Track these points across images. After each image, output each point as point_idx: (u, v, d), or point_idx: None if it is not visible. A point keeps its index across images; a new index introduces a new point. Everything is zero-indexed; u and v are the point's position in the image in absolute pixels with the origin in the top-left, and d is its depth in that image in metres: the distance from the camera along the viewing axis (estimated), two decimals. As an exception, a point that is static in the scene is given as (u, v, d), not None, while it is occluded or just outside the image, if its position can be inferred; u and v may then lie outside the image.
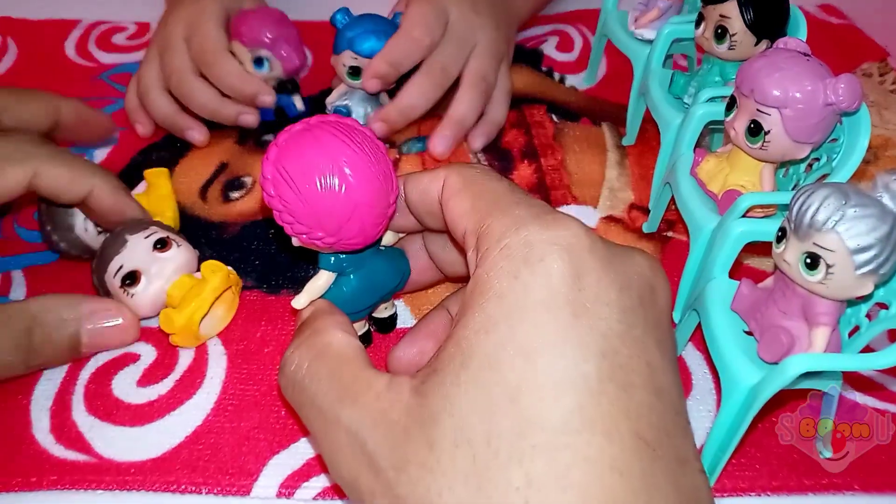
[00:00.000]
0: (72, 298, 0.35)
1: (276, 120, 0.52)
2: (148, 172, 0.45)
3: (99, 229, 0.40)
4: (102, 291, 0.37)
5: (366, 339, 0.37)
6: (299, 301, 0.30)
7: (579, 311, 0.21)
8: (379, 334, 0.38)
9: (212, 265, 0.38)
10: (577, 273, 0.22)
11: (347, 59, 0.46)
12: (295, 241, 0.29)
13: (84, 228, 0.40)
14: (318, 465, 0.33)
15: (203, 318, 0.37)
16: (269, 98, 0.49)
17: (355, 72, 0.47)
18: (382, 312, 0.37)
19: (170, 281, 0.37)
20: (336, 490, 0.32)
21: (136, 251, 0.37)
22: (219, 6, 0.50)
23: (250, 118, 0.50)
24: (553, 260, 0.22)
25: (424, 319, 0.33)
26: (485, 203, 0.25)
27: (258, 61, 0.50)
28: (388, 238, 0.33)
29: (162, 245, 0.37)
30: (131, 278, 0.36)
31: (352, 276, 0.31)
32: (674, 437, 0.21)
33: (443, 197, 0.27)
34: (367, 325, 0.37)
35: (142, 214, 0.40)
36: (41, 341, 0.34)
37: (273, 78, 0.51)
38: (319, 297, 0.31)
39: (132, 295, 0.36)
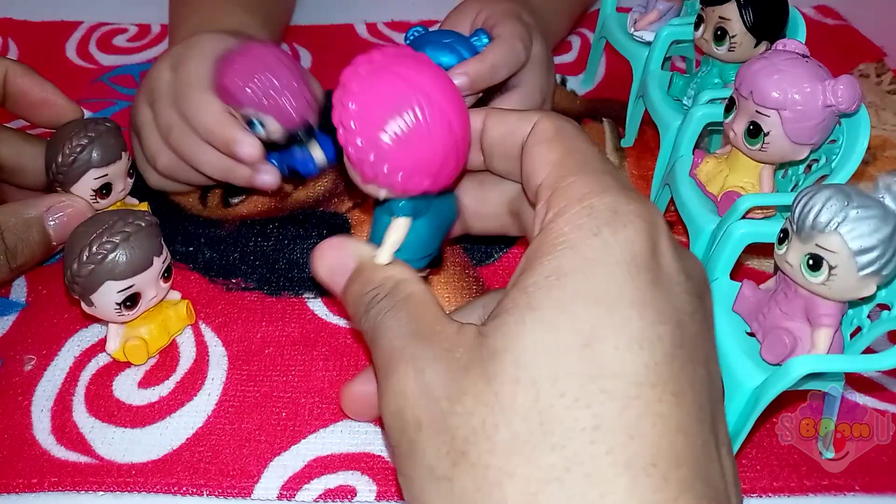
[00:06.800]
0: (28, 200, 0.38)
1: (290, 177, 0.42)
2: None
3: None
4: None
5: None
6: (382, 257, 0.28)
7: (658, 281, 0.22)
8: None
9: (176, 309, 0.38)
10: (656, 249, 0.22)
11: None
12: (383, 193, 0.27)
13: None
14: (319, 466, 0.33)
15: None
16: (249, 150, 0.38)
17: None
18: None
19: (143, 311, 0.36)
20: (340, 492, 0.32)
21: (150, 274, 0.35)
22: (212, 44, 0.42)
23: (268, 178, 0.40)
24: (637, 230, 0.22)
25: None
26: (574, 160, 0.24)
27: (249, 123, 0.40)
28: None
29: (168, 276, 0.36)
30: (132, 300, 0.35)
31: (423, 219, 0.29)
32: (718, 421, 0.22)
33: (528, 141, 0.26)
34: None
35: (71, 108, 0.40)
36: (14, 243, 0.36)
37: (278, 138, 0.40)
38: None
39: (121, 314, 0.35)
